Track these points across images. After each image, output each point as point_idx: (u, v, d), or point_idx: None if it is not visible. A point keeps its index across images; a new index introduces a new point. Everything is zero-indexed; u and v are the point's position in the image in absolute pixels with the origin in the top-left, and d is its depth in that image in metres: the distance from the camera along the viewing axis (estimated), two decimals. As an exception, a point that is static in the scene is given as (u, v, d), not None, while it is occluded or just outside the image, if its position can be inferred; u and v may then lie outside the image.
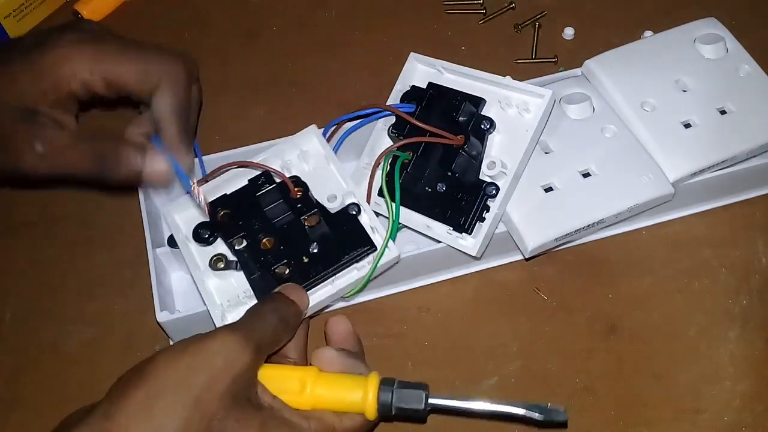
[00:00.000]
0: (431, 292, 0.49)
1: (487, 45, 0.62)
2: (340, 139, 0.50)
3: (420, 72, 0.50)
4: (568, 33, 0.62)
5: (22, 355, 0.47)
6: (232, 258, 0.44)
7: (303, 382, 0.36)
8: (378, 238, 0.44)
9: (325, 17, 0.65)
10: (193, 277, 0.44)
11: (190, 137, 0.42)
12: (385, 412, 0.36)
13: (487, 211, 0.45)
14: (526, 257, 0.47)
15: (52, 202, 0.53)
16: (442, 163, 0.46)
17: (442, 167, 0.46)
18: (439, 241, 0.46)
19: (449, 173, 0.46)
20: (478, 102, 0.46)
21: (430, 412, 0.37)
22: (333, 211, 0.45)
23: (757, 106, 0.49)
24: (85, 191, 0.52)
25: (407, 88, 0.49)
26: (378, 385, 0.36)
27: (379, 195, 0.47)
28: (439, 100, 0.47)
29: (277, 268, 0.43)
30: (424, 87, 0.49)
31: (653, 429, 0.43)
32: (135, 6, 0.66)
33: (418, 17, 0.64)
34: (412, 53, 0.50)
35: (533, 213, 0.46)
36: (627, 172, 0.47)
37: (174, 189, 0.50)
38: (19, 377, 0.46)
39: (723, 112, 0.49)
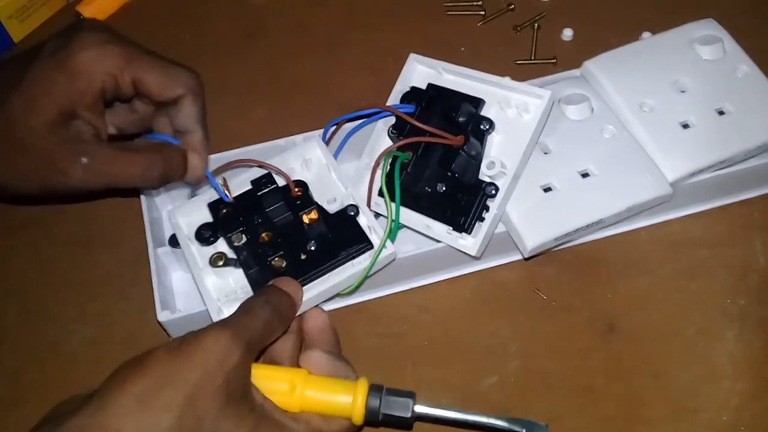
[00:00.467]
0: (431, 292, 0.49)
1: (487, 46, 0.62)
2: (341, 143, 0.50)
3: (420, 73, 0.50)
4: (567, 34, 0.62)
5: (23, 354, 0.47)
6: (232, 256, 0.44)
7: (292, 383, 0.36)
8: (375, 238, 0.44)
9: (324, 18, 0.65)
10: (193, 273, 0.44)
11: (209, 142, 0.44)
12: (371, 418, 0.37)
13: (487, 211, 0.45)
14: (526, 257, 0.47)
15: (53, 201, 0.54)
16: (441, 164, 0.46)
17: (441, 167, 0.46)
18: (438, 241, 0.46)
19: (449, 173, 0.46)
20: (477, 102, 0.46)
21: (416, 420, 0.38)
22: (332, 212, 0.45)
23: (755, 107, 0.50)
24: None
25: (407, 89, 0.49)
26: (367, 390, 0.37)
27: (379, 195, 0.47)
28: (438, 101, 0.47)
29: (274, 260, 0.43)
30: (424, 87, 0.49)
31: (652, 428, 0.43)
32: (136, 7, 0.66)
33: (417, 18, 0.64)
34: (411, 54, 0.50)
35: (532, 213, 0.46)
36: (626, 173, 0.47)
37: (174, 189, 0.51)
38: (20, 377, 0.46)
39: (721, 113, 0.50)
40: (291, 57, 0.62)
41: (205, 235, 0.45)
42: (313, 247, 0.44)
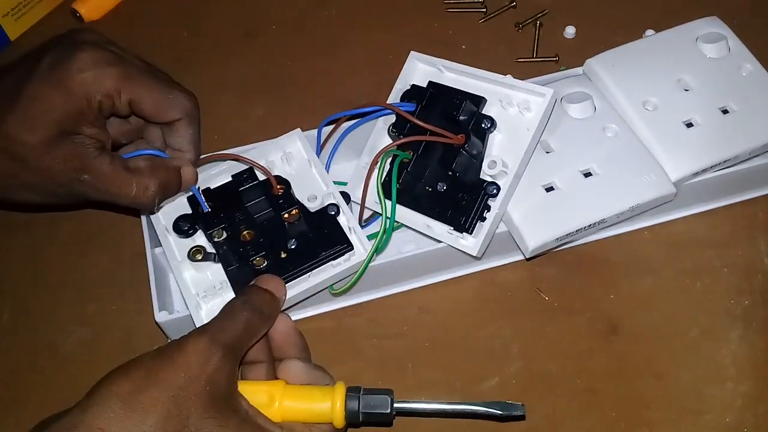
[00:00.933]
0: (431, 292, 0.49)
1: (488, 44, 0.62)
2: (339, 139, 0.50)
3: (420, 71, 0.50)
4: (570, 32, 0.62)
5: (20, 355, 0.47)
6: (211, 250, 0.44)
7: (271, 395, 0.37)
8: (356, 239, 0.44)
9: (324, 16, 0.65)
10: (171, 267, 0.44)
11: (199, 158, 0.45)
12: (352, 420, 0.37)
13: (488, 211, 0.45)
14: (527, 257, 0.47)
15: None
16: (442, 163, 0.46)
17: (442, 166, 0.46)
18: (439, 241, 0.46)
19: (450, 172, 0.45)
20: (478, 101, 0.46)
21: (396, 415, 0.38)
22: (312, 211, 0.46)
23: (759, 106, 0.49)
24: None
25: (407, 87, 0.49)
26: (344, 393, 0.37)
27: (378, 194, 0.47)
28: (439, 99, 0.47)
29: (255, 259, 0.43)
30: (425, 86, 0.48)
31: (654, 430, 0.43)
32: (133, 5, 0.65)
33: (418, 16, 0.64)
34: (412, 52, 0.49)
35: (534, 213, 0.45)
36: (628, 172, 0.47)
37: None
38: (17, 377, 0.46)
39: (725, 112, 0.49)
40: (291, 55, 0.62)
41: (183, 227, 0.45)
42: (293, 246, 0.44)
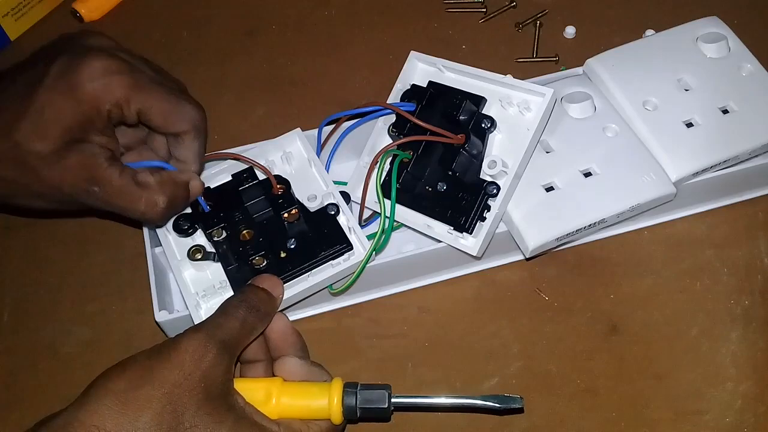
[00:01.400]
0: (431, 292, 0.48)
1: (488, 43, 0.62)
2: (339, 139, 0.50)
3: (420, 70, 0.50)
4: (570, 32, 0.62)
5: (20, 355, 0.47)
6: (211, 249, 0.44)
7: (268, 392, 0.37)
8: (355, 239, 0.44)
9: (324, 16, 0.65)
10: (171, 266, 0.44)
11: (203, 169, 0.46)
12: (350, 415, 0.37)
13: (488, 211, 0.45)
14: (527, 257, 0.47)
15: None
16: (442, 163, 0.46)
17: (442, 166, 0.46)
18: (439, 241, 0.46)
19: (450, 172, 0.45)
20: (478, 101, 0.46)
21: (394, 410, 0.38)
22: (312, 210, 0.45)
23: (759, 106, 0.49)
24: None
25: (407, 87, 0.49)
26: (342, 389, 0.37)
27: (377, 194, 0.47)
28: (439, 99, 0.47)
29: (254, 259, 0.43)
30: (425, 86, 0.48)
31: (655, 430, 0.43)
32: (133, 5, 0.65)
33: (418, 15, 0.64)
34: (412, 52, 0.49)
35: (534, 212, 0.45)
36: (629, 172, 0.47)
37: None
38: (17, 377, 0.46)
39: (725, 112, 0.49)
40: (291, 55, 0.62)
41: (182, 226, 0.45)
42: (293, 246, 0.44)
